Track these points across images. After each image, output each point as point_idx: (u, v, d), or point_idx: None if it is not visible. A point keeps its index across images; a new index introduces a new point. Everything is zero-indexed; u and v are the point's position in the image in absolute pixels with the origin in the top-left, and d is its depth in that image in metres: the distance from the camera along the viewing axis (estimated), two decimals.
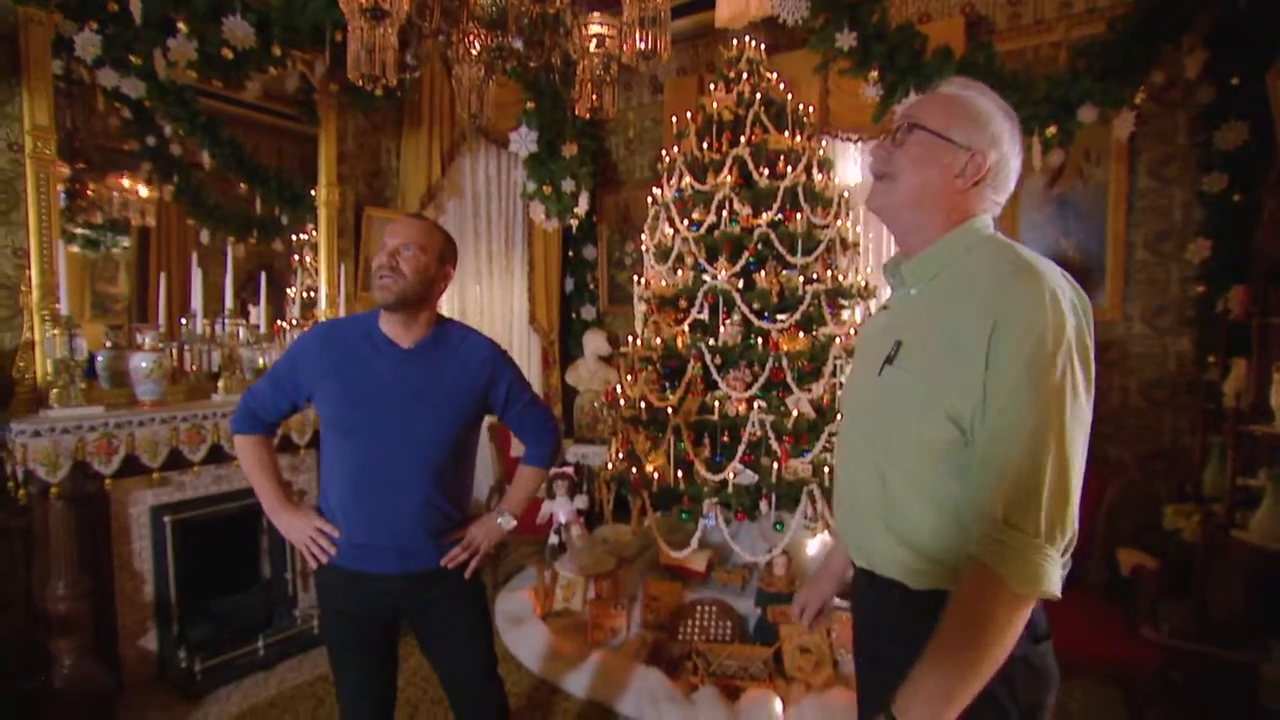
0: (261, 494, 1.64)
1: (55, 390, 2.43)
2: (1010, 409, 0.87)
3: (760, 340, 2.88)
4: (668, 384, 3.07)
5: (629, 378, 3.14)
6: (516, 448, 4.07)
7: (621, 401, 3.10)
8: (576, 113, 2.12)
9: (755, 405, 2.77)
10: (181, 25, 2.65)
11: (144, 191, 2.97)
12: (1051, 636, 1.01)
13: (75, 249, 2.76)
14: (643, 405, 2.99)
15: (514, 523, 1.75)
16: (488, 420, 1.91)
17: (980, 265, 0.97)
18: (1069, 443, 0.87)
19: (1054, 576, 0.87)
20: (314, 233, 3.53)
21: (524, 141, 4.22)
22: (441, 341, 1.59)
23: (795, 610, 1.45)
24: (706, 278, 2.96)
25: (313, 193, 3.50)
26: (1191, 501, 2.83)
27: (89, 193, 2.83)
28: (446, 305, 4.42)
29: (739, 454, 2.74)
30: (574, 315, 5.16)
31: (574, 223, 4.55)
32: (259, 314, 3.17)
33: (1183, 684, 2.05)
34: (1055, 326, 0.87)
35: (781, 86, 3.22)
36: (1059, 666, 1.01)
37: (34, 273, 2.50)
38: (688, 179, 3.13)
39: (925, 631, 1.00)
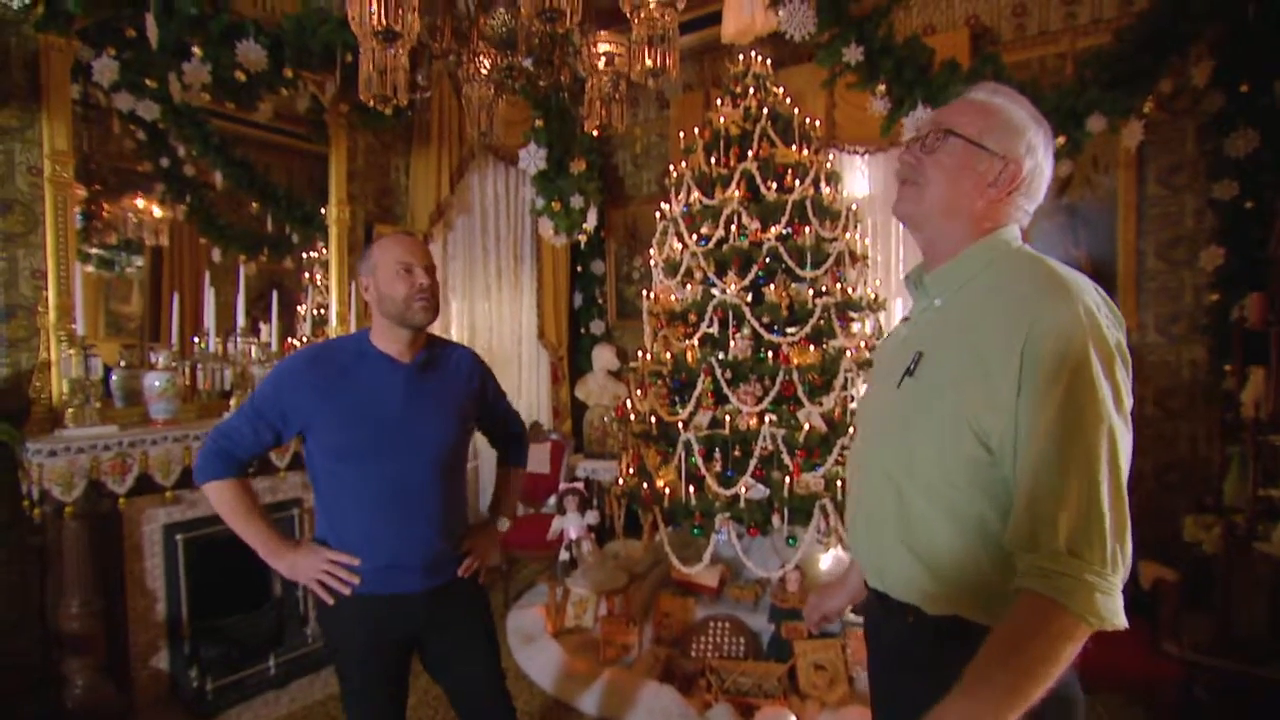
0: (255, 539, 1.54)
1: (71, 410, 2.45)
2: (1058, 433, 0.83)
3: (770, 354, 2.87)
4: (678, 398, 3.07)
5: (639, 392, 3.14)
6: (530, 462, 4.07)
7: (632, 416, 3.09)
8: (585, 130, 2.14)
9: (766, 419, 2.76)
10: (196, 49, 2.70)
11: (158, 212, 3.01)
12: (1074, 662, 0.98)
13: (90, 269, 2.79)
14: (653, 420, 2.99)
15: (508, 524, 1.86)
16: None
17: (1010, 278, 0.94)
18: (1122, 467, 0.84)
19: (1120, 606, 0.83)
20: (324, 250, 3.56)
21: (533, 158, 4.25)
22: (436, 353, 1.62)
23: (806, 610, 1.43)
24: (716, 292, 2.96)
25: (323, 211, 3.54)
26: (1211, 513, 2.78)
27: (104, 214, 2.87)
28: (456, 320, 4.44)
29: (750, 468, 2.73)
30: (583, 330, 5.17)
31: (582, 238, 4.57)
32: (270, 332, 3.19)
33: (1208, 701, 2.01)
34: (1097, 343, 0.84)
35: (788, 101, 3.24)
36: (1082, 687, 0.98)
37: (51, 294, 2.53)
38: (696, 194, 3.14)
39: (940, 658, 0.97)
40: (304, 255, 3.56)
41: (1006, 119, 0.99)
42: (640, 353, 3.20)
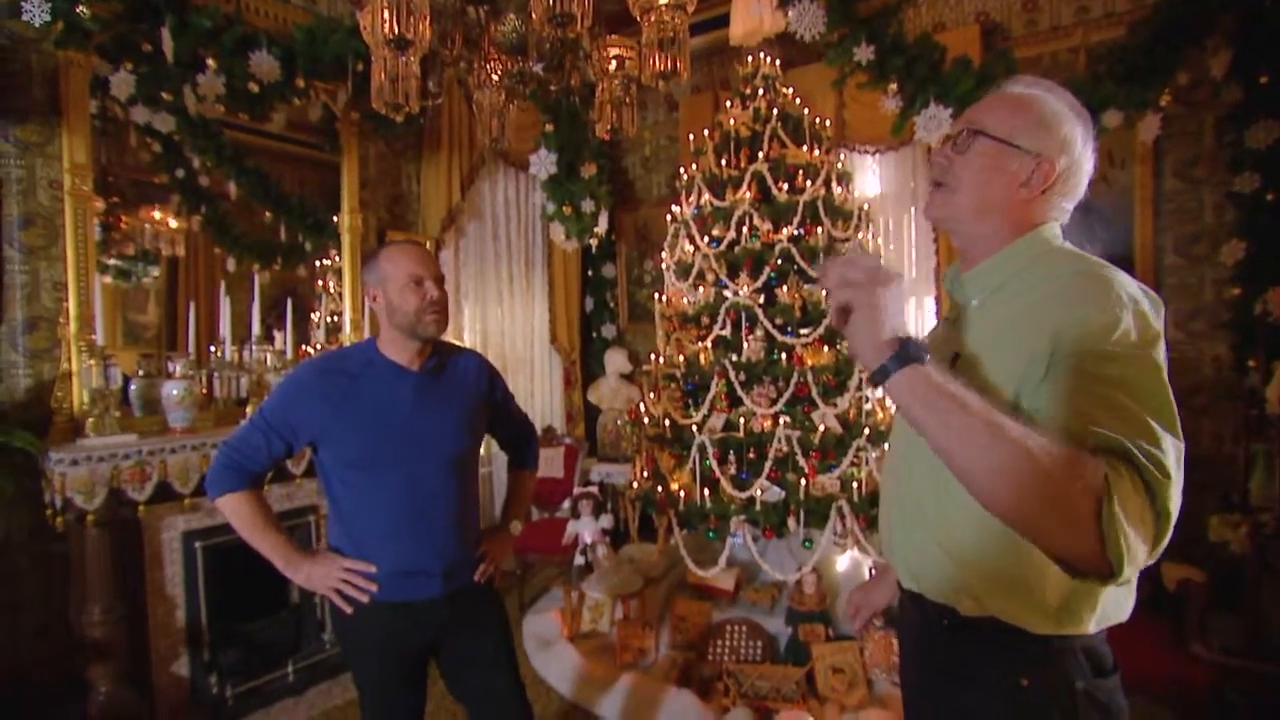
0: (271, 550, 1.54)
1: (91, 419, 2.48)
2: (1121, 388, 0.78)
3: (784, 355, 2.86)
4: (691, 401, 3.05)
5: (652, 395, 3.13)
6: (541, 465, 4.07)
7: (645, 419, 3.09)
8: (597, 134, 2.14)
9: (781, 421, 2.74)
10: (210, 62, 2.73)
11: (173, 222, 3.05)
12: (1119, 670, 0.94)
13: (108, 280, 2.83)
14: (666, 423, 2.98)
15: (520, 527, 1.84)
16: None
17: (1047, 275, 0.92)
18: (1176, 444, 0.79)
19: (1130, 566, 0.74)
20: (337, 258, 3.59)
21: (543, 164, 4.27)
22: (444, 359, 1.63)
23: (849, 610, 1.37)
24: (728, 294, 2.95)
25: (336, 219, 3.56)
26: (1238, 511, 2.73)
27: (122, 225, 2.91)
28: (469, 326, 4.46)
29: (765, 470, 2.71)
30: (595, 334, 5.18)
31: (593, 242, 4.58)
32: (285, 339, 3.22)
33: (1240, 704, 1.96)
34: (1139, 321, 0.82)
35: (797, 101, 3.23)
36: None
37: (72, 305, 2.57)
38: (707, 196, 3.13)
39: (976, 659, 0.96)
40: (317, 263, 3.58)
41: (1039, 114, 0.95)
42: (653, 356, 3.20)
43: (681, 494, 2.80)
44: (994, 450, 0.75)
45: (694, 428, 2.85)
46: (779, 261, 2.91)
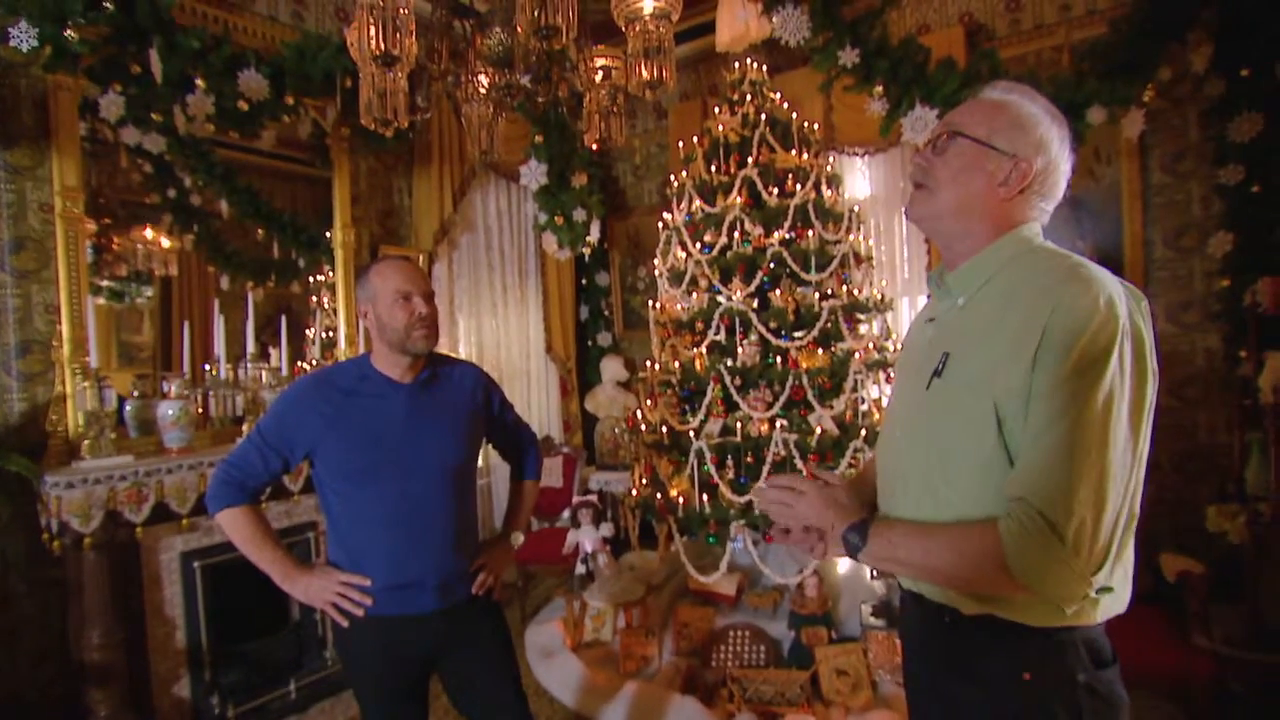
0: (269, 564, 1.55)
1: (87, 441, 2.47)
2: (1053, 408, 0.84)
3: (779, 359, 2.86)
4: (688, 407, 3.05)
5: (649, 402, 3.13)
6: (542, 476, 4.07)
7: (642, 427, 3.08)
8: (586, 144, 2.15)
9: (777, 425, 2.74)
10: (199, 81, 2.74)
11: (166, 242, 3.05)
12: (1118, 661, 0.95)
13: (101, 301, 2.82)
14: (664, 429, 2.98)
15: (522, 539, 1.87)
16: None
17: (1032, 273, 0.94)
18: (1111, 457, 0.84)
19: (1072, 587, 0.84)
20: (331, 274, 3.59)
21: (534, 174, 4.28)
22: (438, 371, 1.63)
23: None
24: (721, 299, 2.95)
25: (328, 235, 3.56)
26: (1234, 501, 2.74)
27: (114, 247, 2.91)
28: (464, 338, 4.46)
29: (764, 474, 2.71)
30: (590, 342, 5.18)
31: (586, 251, 4.59)
32: (280, 356, 3.22)
33: (1243, 694, 1.97)
34: (1108, 332, 0.84)
35: (785, 106, 3.24)
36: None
37: (65, 328, 2.56)
38: (697, 202, 3.14)
39: (978, 657, 0.97)
40: (311, 279, 3.58)
41: (1016, 117, 0.98)
42: (648, 363, 3.20)
43: (680, 500, 2.80)
44: (936, 565, 0.95)
45: (691, 433, 2.85)
46: (771, 266, 2.92)
